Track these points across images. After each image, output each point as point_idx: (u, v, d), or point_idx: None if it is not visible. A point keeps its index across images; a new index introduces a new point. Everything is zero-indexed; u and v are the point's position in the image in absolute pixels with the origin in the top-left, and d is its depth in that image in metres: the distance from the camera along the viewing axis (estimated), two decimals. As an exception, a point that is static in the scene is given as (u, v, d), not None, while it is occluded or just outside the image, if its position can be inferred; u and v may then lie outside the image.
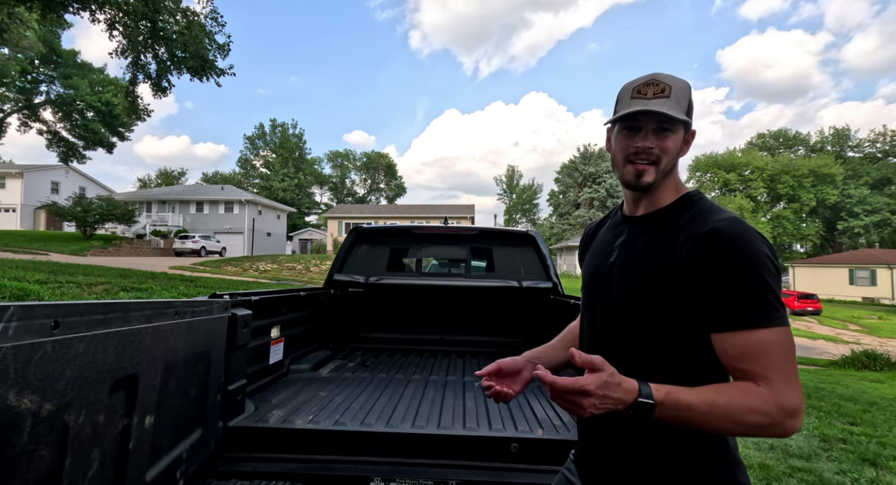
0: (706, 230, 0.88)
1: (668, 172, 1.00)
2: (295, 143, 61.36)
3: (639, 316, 0.95)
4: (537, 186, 68.00)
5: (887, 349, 10.39)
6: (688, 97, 0.98)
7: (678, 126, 0.97)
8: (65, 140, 32.31)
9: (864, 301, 32.93)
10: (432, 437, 1.70)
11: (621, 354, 0.97)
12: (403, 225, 3.99)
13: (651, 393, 0.81)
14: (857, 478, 3.39)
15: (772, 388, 0.79)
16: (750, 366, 0.82)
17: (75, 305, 0.85)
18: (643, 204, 1.05)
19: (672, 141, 0.97)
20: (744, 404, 0.79)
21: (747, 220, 14.66)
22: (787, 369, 0.80)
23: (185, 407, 1.38)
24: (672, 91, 0.96)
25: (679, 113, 0.94)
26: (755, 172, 47.58)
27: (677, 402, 0.81)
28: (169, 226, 33.87)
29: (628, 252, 1.02)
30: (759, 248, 0.84)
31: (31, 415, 0.74)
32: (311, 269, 22.04)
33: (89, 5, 11.40)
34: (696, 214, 0.94)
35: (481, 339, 3.75)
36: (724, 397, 0.80)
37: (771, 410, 0.78)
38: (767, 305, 0.82)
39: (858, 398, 6.17)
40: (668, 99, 0.95)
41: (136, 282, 10.33)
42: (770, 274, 0.83)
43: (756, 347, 0.81)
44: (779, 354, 0.81)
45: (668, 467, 0.91)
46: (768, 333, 0.81)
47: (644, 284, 0.95)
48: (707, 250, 0.86)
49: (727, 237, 0.85)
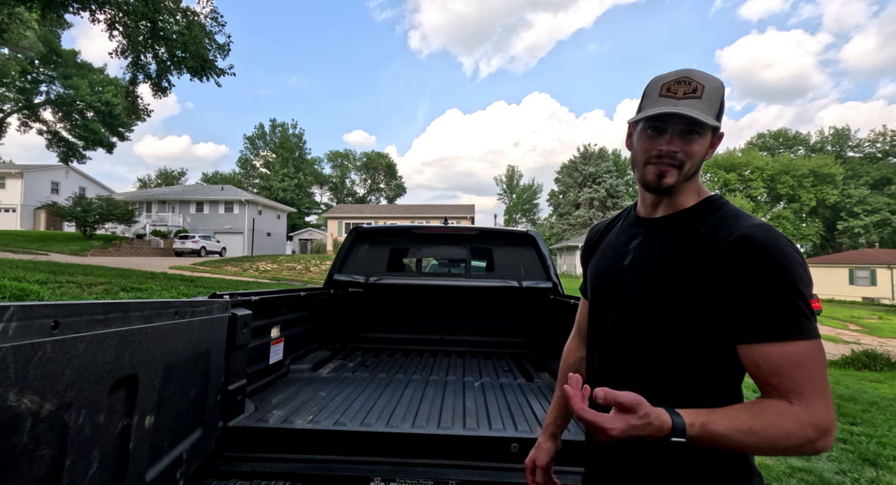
0: (736, 236, 0.83)
1: (692, 176, 0.95)
2: (295, 143, 61.36)
3: (656, 321, 0.91)
4: (537, 186, 68.04)
5: (887, 349, 10.39)
6: (720, 98, 0.90)
7: (706, 130, 0.90)
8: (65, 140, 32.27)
9: (864, 301, 32.90)
10: (432, 437, 1.70)
11: (634, 360, 0.95)
12: (403, 225, 3.98)
13: (685, 429, 0.75)
14: (857, 478, 3.38)
15: (806, 406, 0.75)
16: (782, 381, 0.77)
17: (75, 305, 0.85)
18: (662, 206, 0.99)
19: (699, 145, 0.91)
20: (781, 429, 0.74)
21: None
22: (820, 385, 0.76)
23: (185, 407, 1.38)
24: (704, 91, 0.89)
25: (709, 116, 0.88)
26: (755, 172, 47.60)
27: (714, 435, 0.75)
28: (169, 226, 33.85)
29: (645, 255, 0.97)
30: (791, 256, 0.80)
31: (31, 415, 0.74)
32: (311, 269, 22.03)
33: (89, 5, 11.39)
34: (723, 219, 0.89)
35: (481, 339, 3.75)
36: (761, 421, 0.75)
37: (807, 431, 0.74)
38: (800, 316, 0.77)
39: (858, 398, 6.17)
40: (699, 100, 0.89)
41: (136, 282, 10.32)
42: (803, 283, 0.79)
43: (789, 361, 0.77)
44: (812, 369, 0.76)
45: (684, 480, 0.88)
46: (802, 347, 0.77)
47: (663, 289, 0.90)
48: (738, 258, 0.82)
49: (760, 245, 0.81)
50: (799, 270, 0.79)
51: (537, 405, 2.20)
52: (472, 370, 2.95)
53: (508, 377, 2.78)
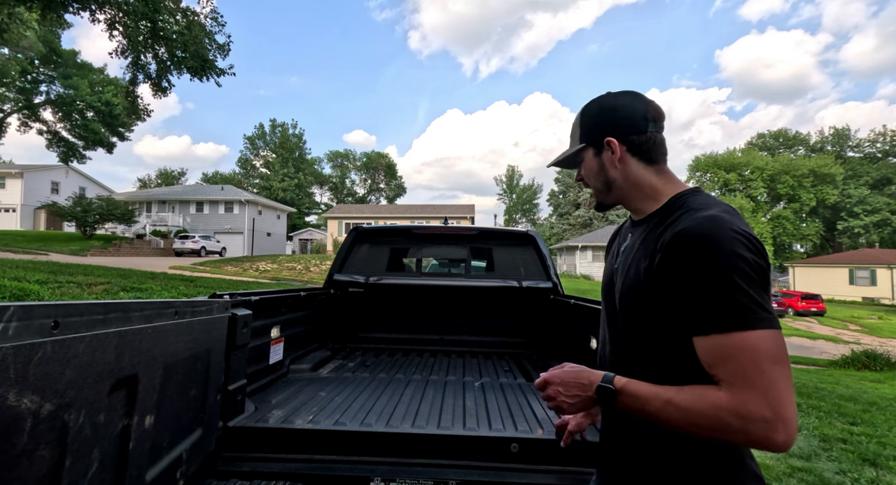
0: (673, 234, 0.85)
1: (610, 188, 1.06)
2: (295, 143, 61.35)
3: (630, 322, 0.96)
4: (537, 186, 68.03)
5: (887, 349, 10.39)
6: (579, 124, 1.09)
7: (581, 155, 1.09)
8: (65, 140, 32.28)
9: (864, 301, 32.92)
10: (432, 437, 1.70)
11: (622, 357, 1.00)
12: (403, 225, 3.98)
13: (612, 380, 0.90)
14: (857, 478, 3.39)
15: (733, 394, 0.76)
16: (717, 372, 0.79)
17: (75, 305, 0.85)
18: (634, 213, 1.07)
19: (583, 170, 1.10)
20: (696, 408, 0.78)
21: (747, 220, 14.47)
22: (754, 376, 0.75)
23: (185, 407, 1.38)
24: (573, 128, 1.11)
25: (574, 145, 1.10)
26: (755, 172, 47.59)
27: (635, 394, 0.86)
28: (169, 226, 33.85)
29: (625, 258, 1.03)
30: (726, 247, 0.79)
31: (31, 415, 0.74)
32: (311, 269, 22.03)
33: (89, 5, 11.40)
34: (679, 216, 0.91)
35: (481, 339, 3.75)
36: (682, 397, 0.81)
37: (724, 417, 0.75)
38: (738, 308, 0.77)
39: (858, 398, 6.17)
40: (571, 139, 1.13)
41: (136, 282, 10.32)
42: (741, 274, 0.77)
43: (722, 352, 0.78)
44: (747, 360, 0.76)
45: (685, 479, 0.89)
46: (738, 338, 0.77)
47: (631, 291, 0.95)
48: (672, 255, 0.85)
49: (691, 238, 0.82)
50: (735, 262, 0.78)
51: (537, 405, 2.20)
52: (472, 370, 2.95)
53: (508, 377, 2.78)
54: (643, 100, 1.03)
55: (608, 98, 1.05)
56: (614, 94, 1.06)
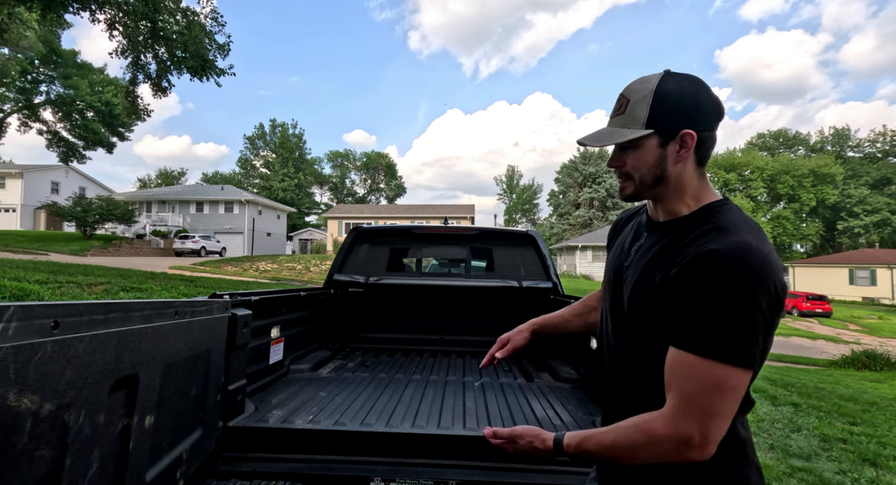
0: (698, 254, 0.82)
1: (658, 183, 0.94)
2: (295, 143, 61.34)
3: (639, 326, 0.93)
4: (537, 186, 68.04)
5: (887, 349, 10.38)
6: (648, 105, 0.89)
7: (640, 141, 0.91)
8: (65, 140, 32.29)
9: (864, 301, 32.91)
10: (432, 437, 1.70)
11: (624, 356, 0.98)
12: (403, 225, 3.98)
13: (563, 446, 0.94)
14: (857, 478, 3.39)
15: (668, 411, 0.80)
16: (673, 385, 0.82)
17: (75, 305, 0.85)
18: (661, 211, 0.99)
19: (636, 158, 0.93)
20: (630, 441, 0.83)
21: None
22: (696, 399, 0.78)
23: (185, 407, 1.38)
24: (629, 105, 0.92)
25: (632, 127, 0.90)
26: (755, 171, 47.60)
27: (587, 452, 0.90)
28: (169, 226, 33.85)
29: (640, 259, 0.97)
30: (751, 285, 0.76)
31: (31, 415, 0.74)
32: (311, 269, 22.04)
33: (89, 5, 11.40)
34: (707, 232, 0.86)
35: (481, 339, 3.74)
36: (614, 435, 0.86)
37: (659, 439, 0.80)
38: (732, 343, 0.77)
39: (858, 398, 6.17)
40: (623, 116, 0.93)
41: (136, 282, 10.32)
42: (753, 317, 0.76)
43: (689, 373, 0.79)
44: (697, 385, 0.78)
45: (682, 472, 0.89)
46: (713, 367, 0.77)
47: (644, 296, 0.92)
48: (694, 274, 0.81)
49: (717, 265, 0.79)
50: (752, 303, 0.76)
51: (537, 405, 2.20)
52: (472, 370, 2.95)
53: (508, 377, 2.78)
54: (714, 93, 0.93)
55: (689, 85, 0.90)
56: (692, 79, 0.92)
